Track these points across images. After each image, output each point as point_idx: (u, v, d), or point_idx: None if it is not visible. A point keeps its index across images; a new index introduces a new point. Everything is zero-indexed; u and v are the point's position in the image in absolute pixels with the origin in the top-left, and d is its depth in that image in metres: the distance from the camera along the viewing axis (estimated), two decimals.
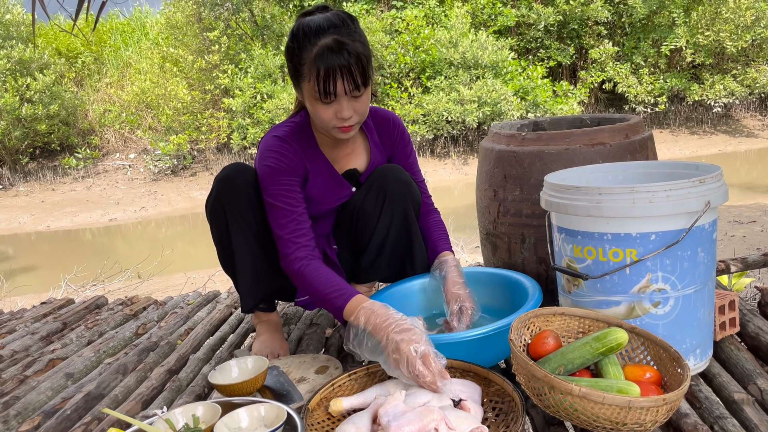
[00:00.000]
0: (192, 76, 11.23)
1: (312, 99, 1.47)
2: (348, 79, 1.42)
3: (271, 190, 1.56)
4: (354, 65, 1.41)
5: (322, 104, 1.46)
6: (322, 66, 1.40)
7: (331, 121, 1.49)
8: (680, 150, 10.87)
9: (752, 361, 1.40)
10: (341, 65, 1.40)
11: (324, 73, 1.40)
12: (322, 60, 1.40)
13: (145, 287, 5.00)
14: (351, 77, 1.42)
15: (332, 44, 1.40)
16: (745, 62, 11.72)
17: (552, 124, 2.17)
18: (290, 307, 2.23)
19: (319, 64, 1.40)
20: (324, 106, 1.46)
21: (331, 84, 1.42)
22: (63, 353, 1.95)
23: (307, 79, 1.45)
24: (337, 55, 1.40)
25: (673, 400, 1.07)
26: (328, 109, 1.47)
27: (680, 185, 1.25)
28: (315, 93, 1.44)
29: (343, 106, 1.46)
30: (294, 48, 1.46)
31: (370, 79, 1.48)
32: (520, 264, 1.85)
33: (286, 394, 1.40)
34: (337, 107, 1.46)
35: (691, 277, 1.31)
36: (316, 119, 1.52)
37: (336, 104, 1.46)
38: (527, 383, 1.16)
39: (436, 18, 11.14)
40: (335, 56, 1.40)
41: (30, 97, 10.82)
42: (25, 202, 10.46)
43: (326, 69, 1.40)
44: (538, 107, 10.25)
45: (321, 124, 1.52)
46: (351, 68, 1.41)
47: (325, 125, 1.51)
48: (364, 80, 1.45)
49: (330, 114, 1.47)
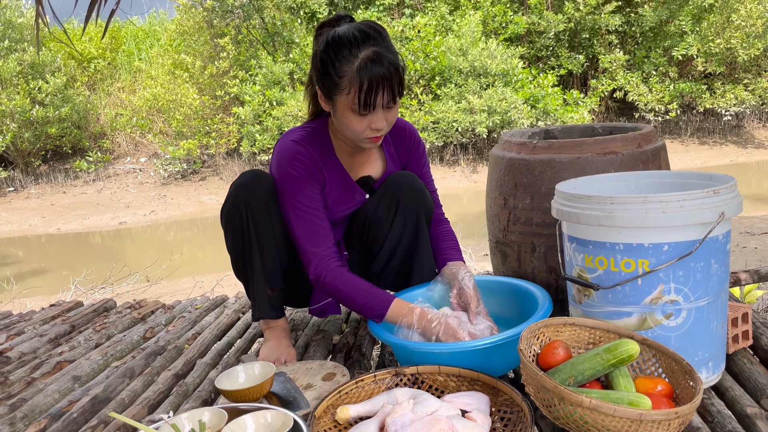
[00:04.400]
0: (202, 81, 11.30)
1: (347, 110, 1.47)
2: (388, 92, 1.44)
3: (293, 198, 1.56)
4: (394, 77, 1.43)
5: (357, 116, 1.47)
6: (366, 78, 1.40)
7: (363, 132, 1.49)
8: (691, 160, 10.81)
9: (765, 375, 1.38)
10: (384, 77, 1.41)
11: (368, 86, 1.41)
12: (366, 72, 1.40)
13: (154, 291, 5.01)
14: (391, 89, 1.44)
15: (374, 56, 1.41)
16: (757, 72, 11.66)
17: (563, 132, 2.16)
18: (298, 313, 2.22)
19: (363, 76, 1.40)
20: (359, 117, 1.47)
21: (373, 96, 1.42)
22: (71, 356, 1.95)
23: (346, 92, 1.44)
24: (380, 68, 1.41)
25: (685, 413, 1.05)
26: (362, 120, 1.47)
27: (694, 195, 1.23)
28: (354, 105, 1.44)
29: (378, 118, 1.47)
30: (330, 59, 1.44)
31: (404, 89, 1.50)
32: (530, 273, 1.83)
33: (293, 400, 1.39)
34: (372, 119, 1.47)
35: (704, 288, 1.29)
36: (346, 130, 1.52)
37: (372, 116, 1.47)
38: (536, 394, 1.15)
39: (447, 25, 11.16)
40: (379, 68, 1.41)
41: (42, 100, 10.91)
42: (35, 205, 10.53)
43: (370, 81, 1.40)
44: (548, 116, 10.23)
45: (352, 135, 1.52)
46: (392, 80, 1.43)
47: (357, 136, 1.51)
48: (400, 92, 1.47)
49: (364, 125, 1.48)
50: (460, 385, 1.34)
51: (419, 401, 1.21)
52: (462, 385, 1.34)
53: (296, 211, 1.56)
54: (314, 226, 1.56)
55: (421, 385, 1.36)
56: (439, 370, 1.36)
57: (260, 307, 1.70)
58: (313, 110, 1.67)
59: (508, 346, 1.38)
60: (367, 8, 11.21)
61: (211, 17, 11.15)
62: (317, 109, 1.65)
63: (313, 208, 1.57)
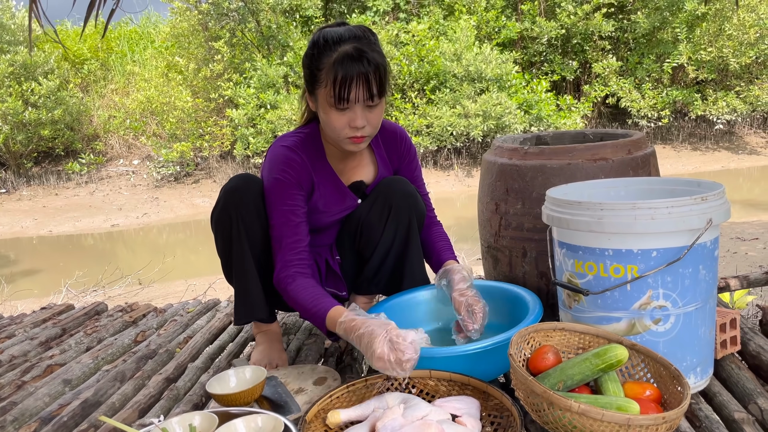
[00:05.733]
0: (196, 84, 11.28)
1: (327, 105, 1.48)
2: (364, 87, 1.45)
3: (276, 205, 1.57)
4: (372, 74, 1.44)
5: (336, 111, 1.48)
6: (341, 71, 1.42)
7: (343, 130, 1.50)
8: (683, 166, 10.87)
9: (753, 380, 1.39)
10: (359, 72, 1.43)
11: (342, 78, 1.42)
12: (341, 65, 1.43)
13: (146, 294, 4.99)
14: (367, 85, 1.45)
15: (352, 51, 1.43)
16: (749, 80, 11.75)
17: (555, 138, 2.17)
18: (290, 317, 2.22)
19: (337, 68, 1.43)
20: (338, 113, 1.48)
21: (347, 89, 1.43)
22: (61, 359, 1.95)
23: (323, 84, 1.46)
24: (356, 62, 1.43)
25: (672, 418, 1.06)
26: (342, 116, 1.48)
27: (682, 202, 1.25)
28: (330, 98, 1.46)
29: (357, 115, 1.48)
30: (313, 54, 1.48)
31: (386, 91, 1.51)
32: (520, 278, 1.84)
33: (284, 405, 1.40)
34: (351, 115, 1.48)
35: (692, 294, 1.30)
36: (328, 128, 1.53)
37: (350, 112, 1.48)
38: (526, 398, 1.16)
39: (442, 30, 11.19)
40: (354, 63, 1.43)
41: (34, 102, 10.87)
42: (27, 207, 10.48)
43: (344, 74, 1.42)
44: (541, 121, 10.26)
45: (333, 133, 1.53)
46: (368, 76, 1.44)
47: (338, 135, 1.52)
48: (380, 90, 1.48)
49: (343, 122, 1.49)
50: (451, 389, 1.35)
51: (410, 406, 1.21)
52: (453, 390, 1.35)
53: (276, 216, 1.57)
54: (286, 231, 1.56)
55: (412, 389, 1.37)
56: (430, 374, 1.36)
57: (251, 311, 1.69)
58: (307, 115, 1.69)
59: (499, 350, 1.39)
60: (362, 12, 11.23)
61: (206, 20, 11.13)
62: (311, 113, 1.67)
63: (293, 215, 1.57)
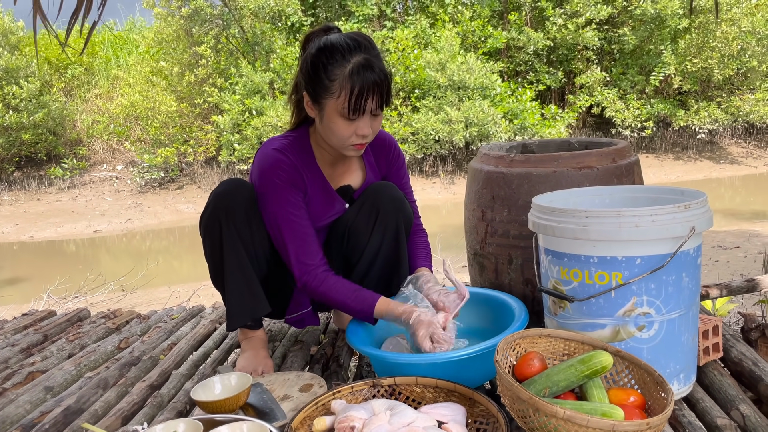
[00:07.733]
0: (181, 89, 11.23)
1: (335, 115, 1.49)
2: (377, 98, 1.47)
3: (279, 207, 1.58)
4: (384, 84, 1.47)
5: (345, 121, 1.49)
6: (357, 82, 1.44)
7: (349, 138, 1.52)
8: (666, 175, 11.00)
9: (735, 387, 1.41)
10: (375, 82, 1.45)
11: (358, 89, 1.44)
12: (358, 76, 1.44)
13: (129, 300, 4.94)
14: (380, 95, 1.48)
15: (365, 62, 1.45)
16: (730, 90, 11.94)
17: (540, 146, 2.19)
18: (275, 324, 2.21)
19: (354, 80, 1.44)
20: (346, 123, 1.49)
21: (362, 101, 1.45)
22: (43, 366, 1.92)
23: (336, 95, 1.47)
24: (371, 73, 1.45)
25: (656, 424, 1.07)
26: (349, 126, 1.50)
27: (666, 210, 1.26)
28: (343, 109, 1.47)
29: (365, 124, 1.50)
30: (322, 63, 1.47)
31: (391, 99, 1.54)
32: (506, 285, 1.85)
33: (269, 412, 1.39)
34: (358, 124, 1.50)
35: (675, 301, 1.32)
36: (333, 136, 1.54)
37: (359, 121, 1.50)
38: (512, 405, 1.16)
39: (427, 39, 11.25)
40: (369, 74, 1.45)
41: (16, 105, 10.75)
42: (8, 212, 10.34)
43: (361, 86, 1.44)
44: (526, 130, 10.34)
45: (337, 140, 1.54)
46: (382, 87, 1.47)
47: (342, 142, 1.54)
48: (388, 100, 1.51)
49: (350, 131, 1.51)
50: (437, 396, 1.35)
51: (396, 412, 1.21)
52: (439, 396, 1.35)
53: (285, 219, 1.58)
54: (302, 234, 1.58)
55: (399, 396, 1.37)
56: (417, 381, 1.36)
57: (238, 317, 1.68)
58: (296, 119, 1.69)
59: (485, 357, 1.39)
60: (347, 20, 11.26)
61: (189, 25, 11.10)
62: (300, 117, 1.67)
63: (299, 216, 1.59)
